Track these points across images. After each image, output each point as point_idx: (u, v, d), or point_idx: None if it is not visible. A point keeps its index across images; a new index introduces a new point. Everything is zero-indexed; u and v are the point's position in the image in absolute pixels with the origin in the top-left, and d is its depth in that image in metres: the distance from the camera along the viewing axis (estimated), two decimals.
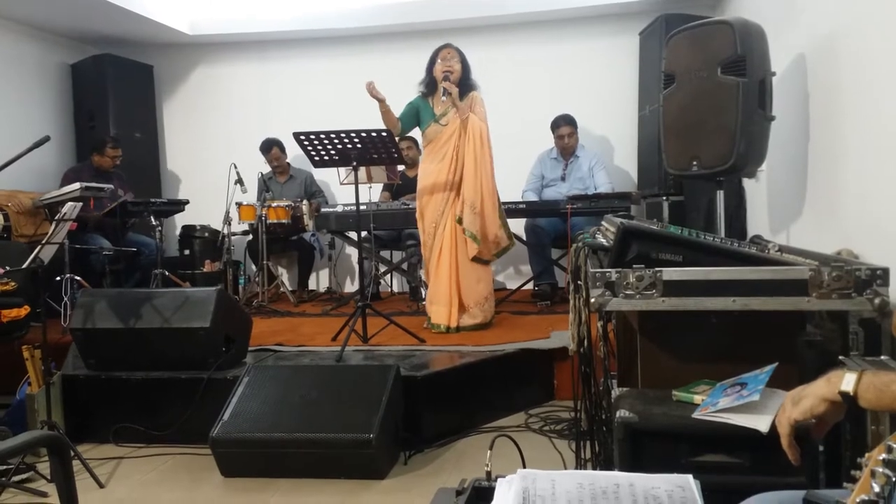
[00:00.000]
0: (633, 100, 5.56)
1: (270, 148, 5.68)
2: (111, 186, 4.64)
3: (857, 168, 2.75)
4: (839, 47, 2.92)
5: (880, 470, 0.74)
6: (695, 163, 3.22)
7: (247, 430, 2.67)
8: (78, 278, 4.14)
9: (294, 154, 5.58)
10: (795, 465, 1.03)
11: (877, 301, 1.55)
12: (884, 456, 0.74)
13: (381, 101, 3.79)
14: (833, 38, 2.98)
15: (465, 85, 3.90)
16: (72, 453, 2.68)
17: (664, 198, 4.85)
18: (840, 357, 1.58)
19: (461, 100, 3.84)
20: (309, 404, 2.72)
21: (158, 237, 4.83)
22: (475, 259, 3.91)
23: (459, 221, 3.86)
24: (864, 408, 0.91)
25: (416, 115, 4.00)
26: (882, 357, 1.58)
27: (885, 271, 1.57)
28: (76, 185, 4.29)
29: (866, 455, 0.77)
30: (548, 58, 5.81)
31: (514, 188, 5.09)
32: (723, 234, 3.28)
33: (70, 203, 3.48)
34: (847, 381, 0.92)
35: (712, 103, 3.11)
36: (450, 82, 3.81)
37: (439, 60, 3.89)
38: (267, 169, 5.73)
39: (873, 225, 2.59)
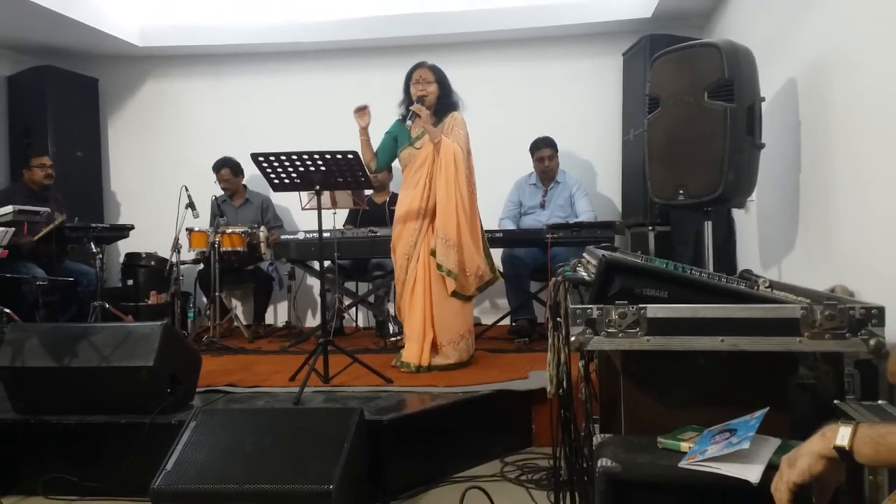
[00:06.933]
0: (616, 123, 5.67)
1: (220, 168, 5.66)
2: (47, 210, 4.57)
3: (851, 200, 2.82)
4: (832, 72, 3.01)
5: None
6: (681, 191, 3.27)
7: (192, 482, 2.60)
8: (7, 311, 4.06)
9: (251, 175, 5.57)
10: None
11: (872, 342, 1.57)
12: None
13: (363, 130, 3.87)
14: (826, 62, 3.07)
15: (444, 104, 3.93)
16: None
17: (650, 228, 4.93)
18: (835, 401, 1.61)
19: (440, 121, 3.88)
20: (262, 452, 2.68)
21: (99, 266, 4.77)
22: (455, 294, 3.90)
23: (433, 254, 3.86)
24: (861, 463, 0.90)
25: (394, 144, 4.04)
26: (880, 402, 1.60)
27: (881, 310, 1.59)
28: (8, 209, 4.21)
29: None
30: (527, 77, 5.92)
31: (490, 216, 5.13)
32: (711, 269, 3.33)
33: (1, 228, 3.42)
34: (842, 434, 0.92)
35: (699, 129, 3.17)
36: (420, 105, 3.83)
37: (412, 83, 3.92)
38: (221, 192, 5.70)
39: (869, 260, 2.64)
